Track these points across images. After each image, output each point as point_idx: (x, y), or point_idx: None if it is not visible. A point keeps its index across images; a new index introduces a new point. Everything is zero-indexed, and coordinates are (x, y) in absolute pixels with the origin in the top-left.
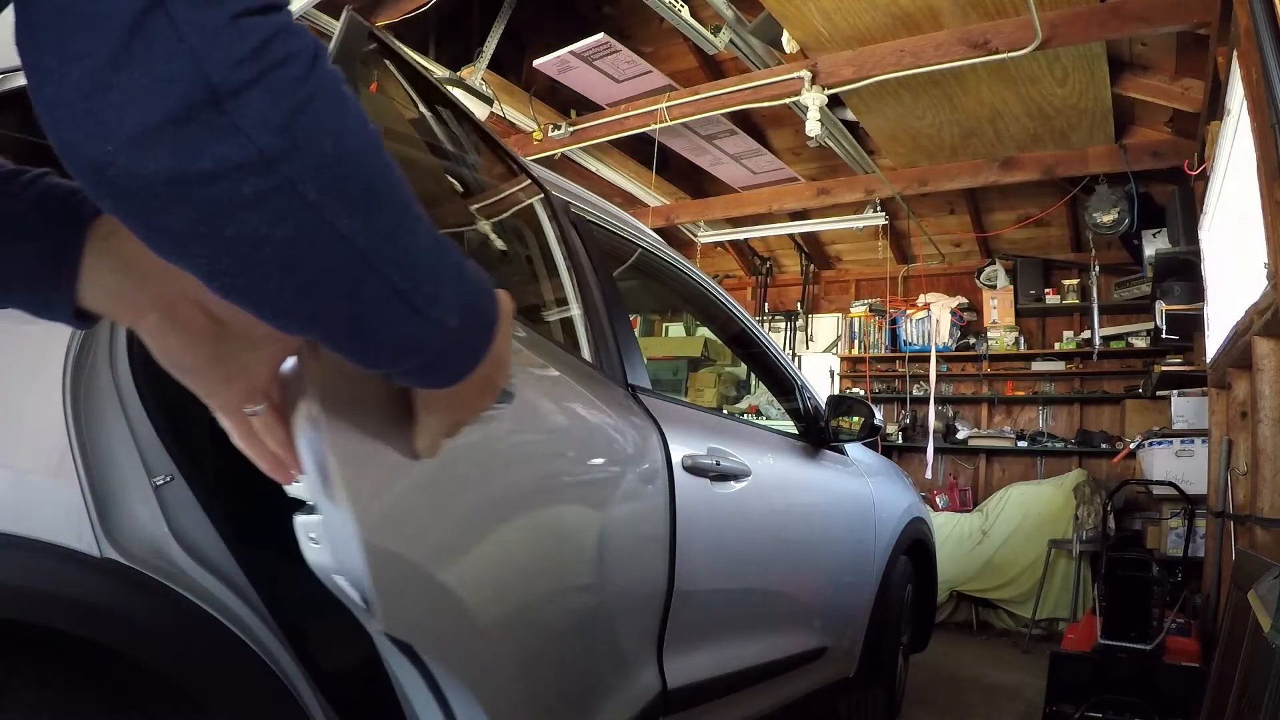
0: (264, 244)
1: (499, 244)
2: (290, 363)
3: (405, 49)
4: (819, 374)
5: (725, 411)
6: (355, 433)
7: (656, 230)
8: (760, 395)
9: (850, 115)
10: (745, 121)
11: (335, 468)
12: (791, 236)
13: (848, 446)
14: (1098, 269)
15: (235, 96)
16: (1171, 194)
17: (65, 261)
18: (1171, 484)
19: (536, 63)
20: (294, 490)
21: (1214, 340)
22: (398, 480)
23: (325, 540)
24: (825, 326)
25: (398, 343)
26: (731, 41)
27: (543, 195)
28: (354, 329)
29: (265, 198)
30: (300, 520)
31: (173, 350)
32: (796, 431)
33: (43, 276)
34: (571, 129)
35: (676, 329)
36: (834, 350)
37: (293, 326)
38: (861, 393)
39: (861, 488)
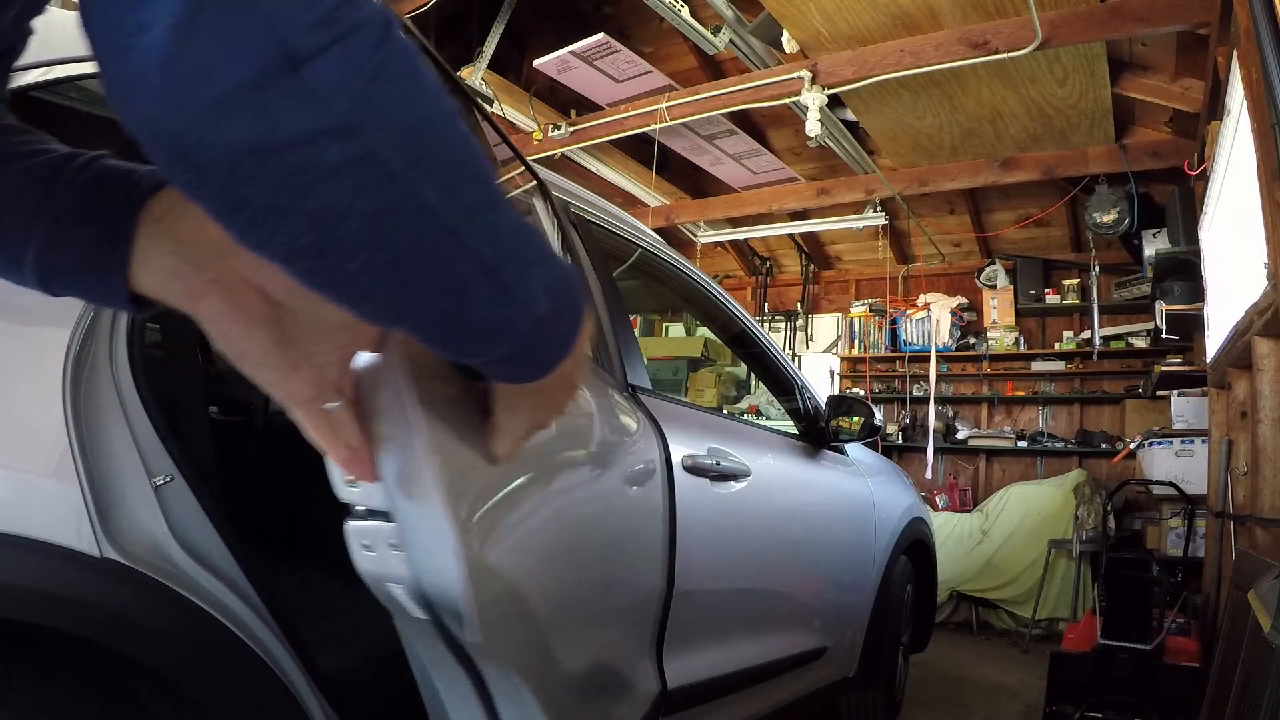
0: (347, 218)
1: None
2: (370, 357)
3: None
4: (819, 374)
5: (725, 411)
6: (447, 435)
7: (656, 230)
8: (760, 395)
9: (850, 115)
10: (745, 121)
11: (431, 472)
12: (791, 236)
13: (848, 446)
14: (1098, 269)
15: (310, 62)
16: (1171, 194)
17: (118, 244)
18: (1171, 484)
19: (536, 63)
20: (349, 495)
21: (1214, 340)
22: (482, 485)
23: (388, 548)
24: (825, 326)
25: (489, 326)
26: (731, 41)
27: (544, 194)
28: (443, 311)
29: (347, 167)
30: (354, 526)
31: (232, 337)
32: (796, 431)
33: (97, 261)
34: (571, 129)
35: (676, 329)
36: (834, 350)
37: (378, 313)
38: (861, 393)
39: (861, 488)
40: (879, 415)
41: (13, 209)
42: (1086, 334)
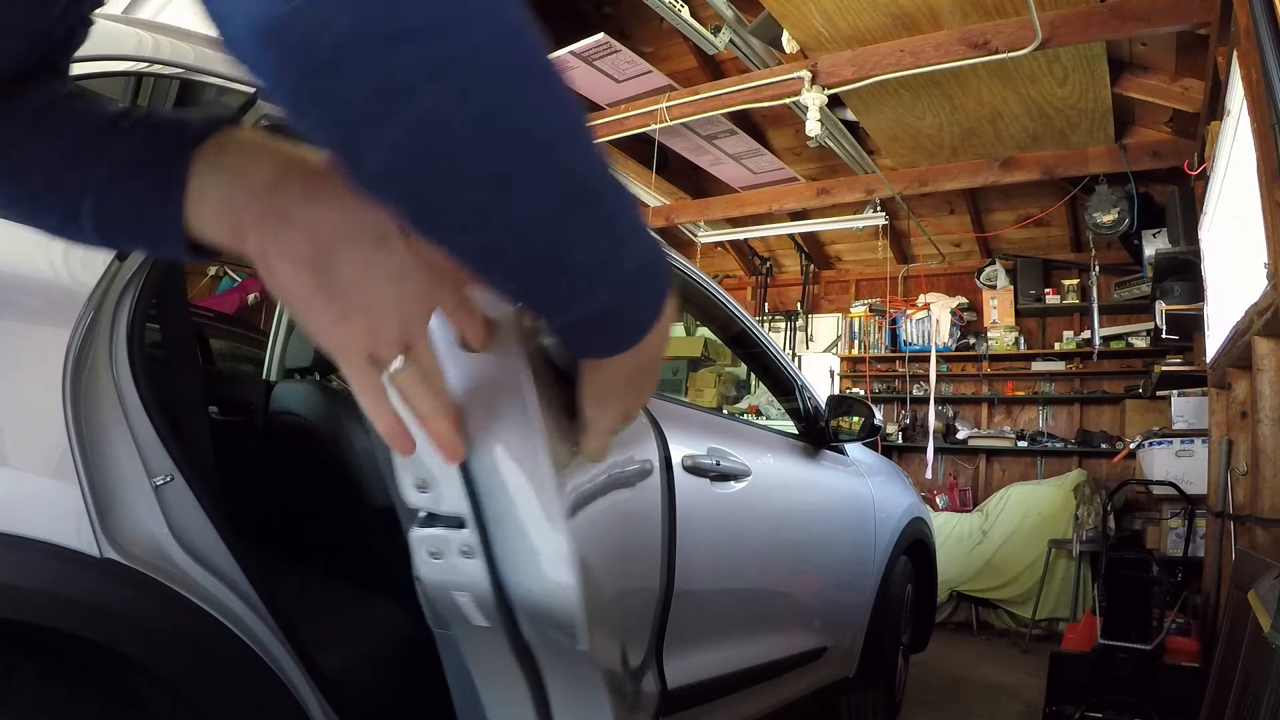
0: (444, 128)
1: None
2: (490, 356)
3: None
4: (819, 374)
5: (725, 411)
6: (553, 426)
7: (656, 230)
8: (760, 395)
9: (850, 115)
10: (745, 121)
11: (549, 473)
12: (791, 236)
13: (848, 446)
14: (1098, 269)
15: None
16: (1171, 194)
17: (172, 185)
18: (1171, 484)
19: None
20: (418, 500)
21: (1214, 340)
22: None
23: (459, 555)
24: (825, 326)
25: (589, 267)
26: (731, 41)
27: None
28: (544, 245)
29: (446, 69)
30: (421, 534)
31: (280, 277)
32: (796, 431)
33: (152, 203)
34: None
35: (676, 329)
36: (834, 350)
37: (475, 248)
38: (861, 393)
39: (861, 488)
40: (879, 415)
41: (70, 164)
42: (1086, 334)
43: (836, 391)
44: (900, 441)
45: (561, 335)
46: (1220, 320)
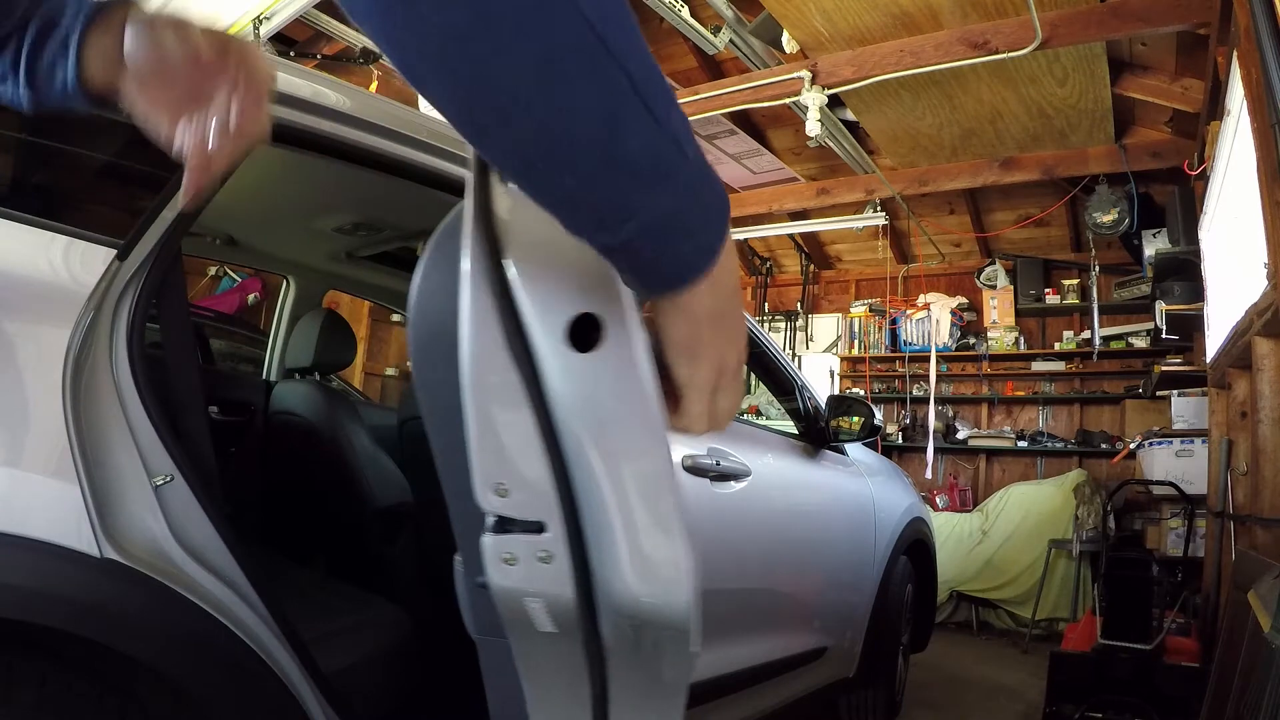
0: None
1: None
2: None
3: None
4: (819, 374)
5: None
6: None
7: None
8: (760, 395)
9: (850, 115)
10: (745, 121)
11: (669, 471)
12: (791, 236)
13: (848, 446)
14: (1098, 269)
15: None
16: (1171, 194)
17: (70, 44)
18: (1171, 484)
19: None
20: (495, 505)
21: (1214, 340)
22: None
23: (535, 561)
24: (825, 326)
25: (643, 160)
26: (731, 41)
27: None
28: (592, 131)
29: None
30: (494, 540)
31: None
32: (796, 431)
33: (62, 56)
34: None
35: None
36: (834, 350)
37: (522, 140)
38: (861, 393)
39: (861, 488)
40: (879, 415)
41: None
42: (1086, 334)
43: (836, 391)
44: (900, 441)
45: (628, 260)
46: (1220, 320)
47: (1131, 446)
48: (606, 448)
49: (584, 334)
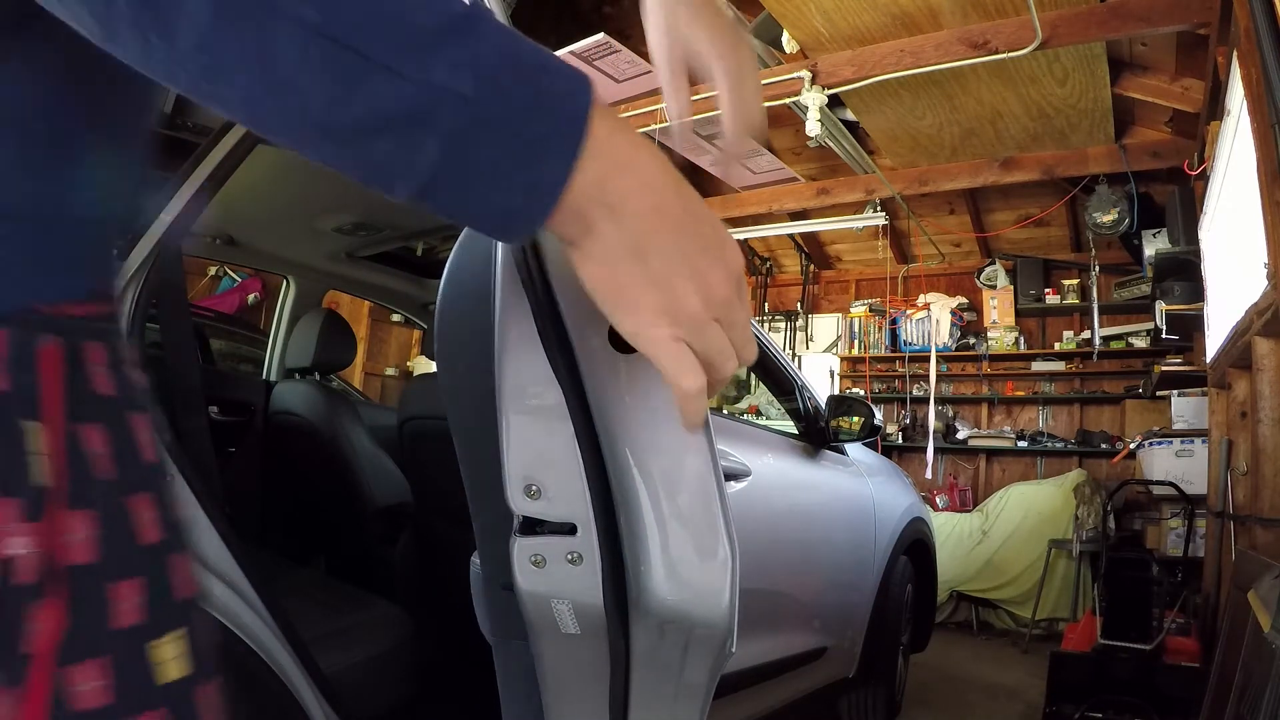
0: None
1: None
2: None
3: None
4: (819, 374)
5: (725, 411)
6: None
7: None
8: (760, 395)
9: (850, 115)
10: None
11: (717, 472)
12: (791, 236)
13: (848, 446)
14: (1098, 269)
15: None
16: (1171, 194)
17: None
18: (1171, 484)
19: None
20: (529, 508)
21: (1214, 340)
22: None
23: (565, 562)
24: (825, 326)
25: (368, 118)
26: None
27: None
28: (286, 104)
29: None
30: (525, 542)
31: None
32: (796, 431)
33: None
34: None
35: None
36: (834, 350)
37: (235, 113)
38: (861, 393)
39: (861, 488)
40: (879, 415)
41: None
42: (1086, 334)
43: (836, 391)
44: (900, 441)
45: (446, 214)
46: (1220, 320)
47: (1131, 446)
48: (648, 449)
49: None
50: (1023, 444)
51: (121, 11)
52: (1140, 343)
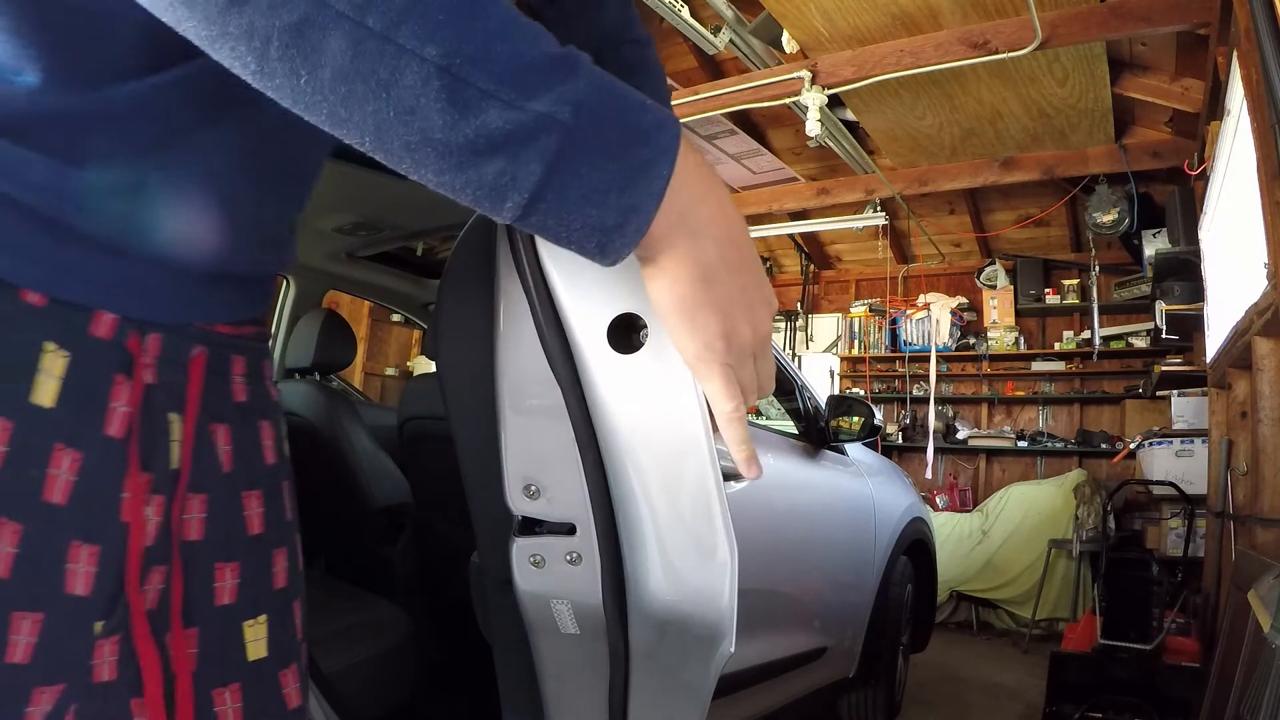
0: (271, 40)
1: None
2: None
3: None
4: (819, 374)
5: None
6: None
7: None
8: None
9: (850, 115)
10: (745, 121)
11: (717, 476)
12: (791, 236)
13: (848, 446)
14: (1098, 269)
15: None
16: (1171, 194)
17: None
18: (1171, 484)
19: None
20: (528, 509)
21: (1214, 340)
22: None
23: (564, 562)
24: (825, 326)
25: (481, 140)
26: (731, 41)
27: None
28: (405, 127)
29: None
30: (524, 542)
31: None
32: (796, 431)
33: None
34: None
35: None
36: (834, 350)
37: (365, 139)
38: (861, 393)
39: (861, 488)
40: (879, 415)
41: None
42: (1086, 334)
43: (836, 391)
44: (900, 441)
45: (546, 235)
46: (1220, 320)
47: (1131, 446)
48: (647, 449)
49: (625, 335)
50: (1023, 444)
51: (276, 52)
52: (1140, 343)
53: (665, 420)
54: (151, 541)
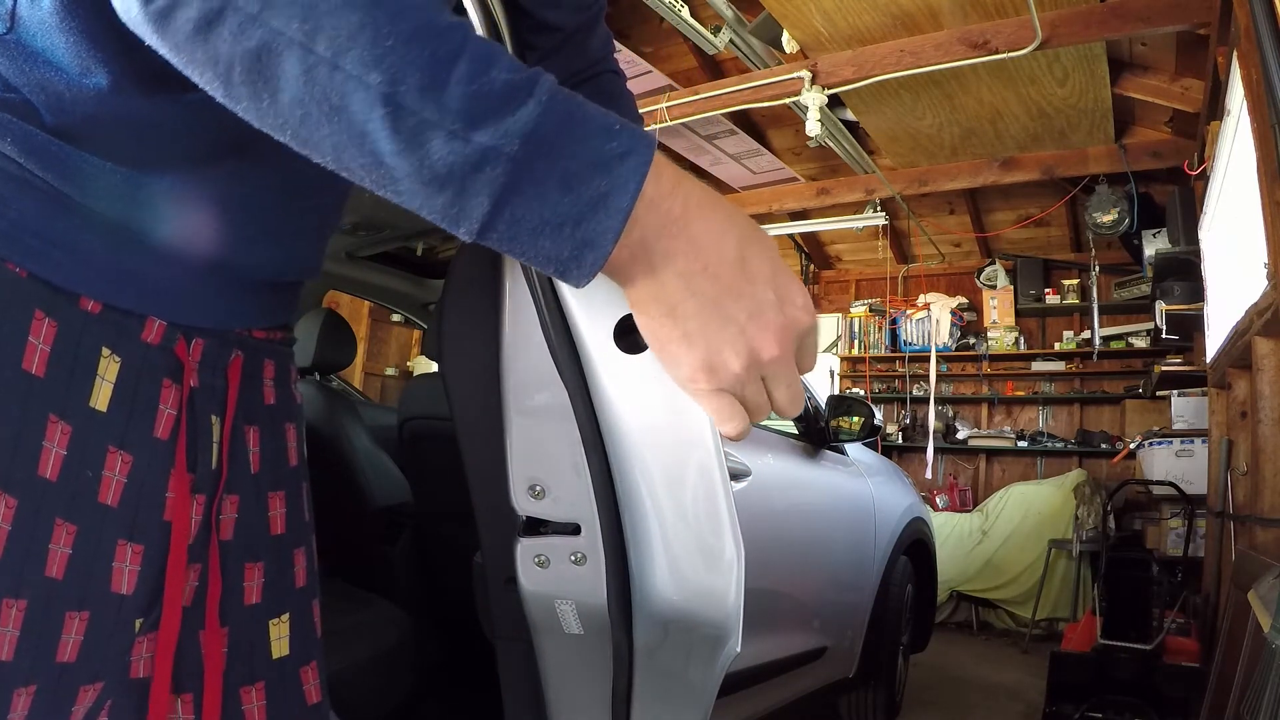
0: (234, 66)
1: None
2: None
3: None
4: (819, 374)
5: None
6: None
7: None
8: None
9: (850, 115)
10: (745, 121)
11: (725, 478)
12: (791, 236)
13: (848, 446)
14: (1098, 269)
15: None
16: (1171, 194)
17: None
18: (1171, 484)
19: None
20: (532, 508)
21: (1214, 340)
22: None
23: (569, 563)
24: (825, 326)
25: (425, 170)
26: (731, 41)
27: None
28: (363, 151)
29: (217, 18)
30: (529, 543)
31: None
32: (796, 431)
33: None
34: None
35: None
36: (834, 350)
37: (327, 159)
38: (861, 393)
39: (861, 488)
40: (879, 415)
41: None
42: (1086, 334)
43: (836, 391)
44: (900, 441)
45: (514, 255)
46: (1220, 320)
47: (1131, 446)
48: (653, 450)
49: (632, 335)
50: (1023, 444)
51: (239, 77)
52: (1140, 343)
53: (671, 421)
54: (192, 540)
